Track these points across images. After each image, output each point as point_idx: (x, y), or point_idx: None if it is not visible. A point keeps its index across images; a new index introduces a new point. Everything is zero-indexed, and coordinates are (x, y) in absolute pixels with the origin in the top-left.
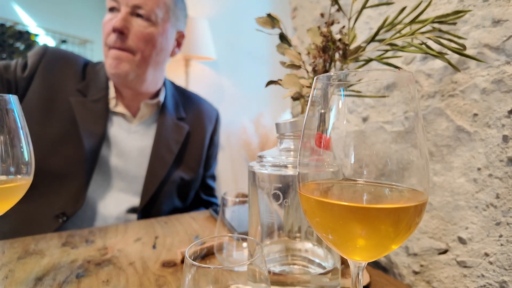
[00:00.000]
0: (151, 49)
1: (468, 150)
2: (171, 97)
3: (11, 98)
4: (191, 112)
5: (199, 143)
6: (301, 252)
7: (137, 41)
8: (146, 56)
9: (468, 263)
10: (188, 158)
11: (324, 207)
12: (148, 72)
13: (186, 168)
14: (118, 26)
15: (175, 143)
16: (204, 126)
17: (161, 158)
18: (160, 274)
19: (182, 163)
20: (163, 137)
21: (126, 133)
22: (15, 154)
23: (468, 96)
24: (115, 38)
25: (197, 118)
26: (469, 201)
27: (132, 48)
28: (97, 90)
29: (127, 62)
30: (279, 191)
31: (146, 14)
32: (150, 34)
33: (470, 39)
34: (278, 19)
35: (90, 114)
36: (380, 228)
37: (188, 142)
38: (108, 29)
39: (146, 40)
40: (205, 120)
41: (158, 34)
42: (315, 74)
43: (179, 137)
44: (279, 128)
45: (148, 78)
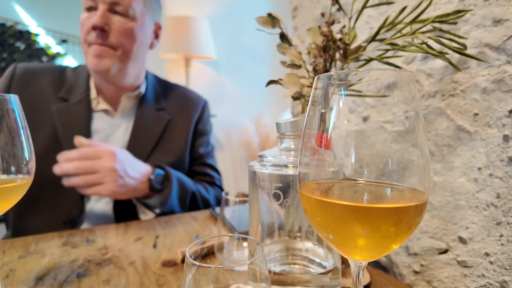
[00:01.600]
0: (132, 43)
1: (468, 150)
2: (152, 89)
3: (11, 97)
4: (173, 102)
5: (182, 131)
6: (301, 251)
7: (118, 37)
8: (127, 50)
9: (468, 263)
10: (169, 145)
11: (325, 206)
12: (129, 66)
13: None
14: (98, 23)
15: (154, 133)
16: (187, 115)
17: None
18: (160, 273)
19: (163, 150)
20: (142, 127)
21: (110, 128)
22: (16, 154)
23: (468, 95)
24: (95, 35)
25: (180, 108)
26: (470, 201)
27: (113, 44)
28: (79, 93)
29: (108, 57)
30: (279, 191)
31: (124, 10)
32: (130, 29)
33: (471, 39)
34: (278, 18)
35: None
36: (380, 228)
37: (168, 131)
38: (87, 27)
39: (126, 35)
40: (189, 109)
41: (137, 28)
42: (316, 74)
43: (159, 127)
44: (280, 128)
45: (130, 72)
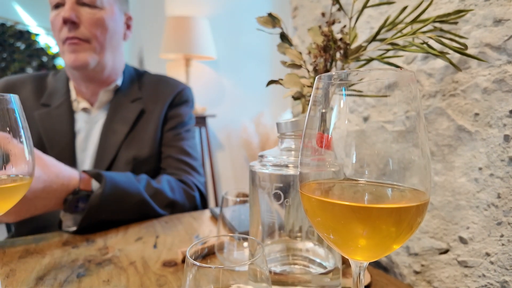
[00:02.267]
0: (105, 33)
1: (469, 150)
2: (128, 81)
3: (12, 97)
4: (149, 91)
5: (154, 119)
6: (302, 252)
7: (90, 28)
8: (101, 41)
9: (469, 263)
10: (142, 136)
11: (325, 206)
12: (106, 57)
13: (139, 146)
14: (68, 16)
15: (125, 123)
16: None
17: (109, 140)
18: (161, 273)
19: (135, 142)
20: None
21: (88, 125)
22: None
23: (469, 95)
24: (67, 29)
25: (154, 95)
26: (470, 201)
27: (86, 36)
28: (59, 97)
29: (84, 51)
30: (280, 191)
31: (91, 1)
32: (101, 19)
33: (472, 39)
34: (279, 18)
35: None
36: (381, 228)
37: (141, 121)
38: (58, 23)
39: (98, 26)
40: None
41: (107, 17)
42: (316, 74)
43: (130, 117)
44: (280, 128)
45: (108, 63)
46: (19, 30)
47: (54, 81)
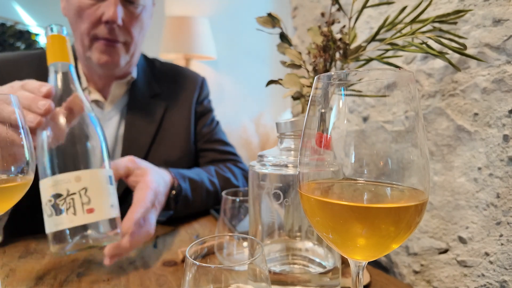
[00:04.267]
0: (142, 33)
1: (468, 150)
2: (142, 73)
3: (11, 98)
4: (168, 86)
5: (182, 116)
6: (301, 251)
7: (131, 29)
8: (137, 41)
9: (468, 263)
10: (171, 136)
11: (325, 206)
12: (136, 55)
13: (169, 147)
14: (115, 18)
15: (150, 123)
16: (186, 98)
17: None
18: (160, 273)
19: (164, 143)
20: (136, 119)
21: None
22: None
23: (468, 95)
24: (107, 30)
25: (176, 90)
26: (470, 201)
27: (126, 38)
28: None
29: (118, 53)
30: (279, 191)
31: None
32: (141, 19)
33: (471, 39)
34: (278, 18)
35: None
36: (380, 228)
37: (167, 119)
38: (93, 18)
39: (137, 26)
40: (186, 90)
41: (146, 15)
42: (316, 74)
43: (155, 116)
44: (280, 128)
45: (134, 60)
46: (19, 30)
47: None
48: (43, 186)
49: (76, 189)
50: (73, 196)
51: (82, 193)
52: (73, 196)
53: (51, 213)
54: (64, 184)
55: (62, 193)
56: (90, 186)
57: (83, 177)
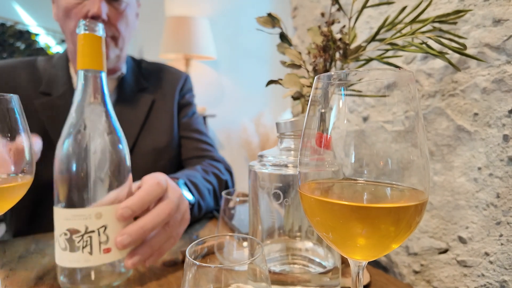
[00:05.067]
0: (128, 28)
1: (468, 150)
2: (131, 70)
3: (12, 98)
4: (154, 81)
5: (167, 107)
6: (301, 251)
7: (117, 25)
8: (124, 37)
9: (468, 263)
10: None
11: (325, 206)
12: (124, 51)
13: (156, 136)
14: (99, 13)
15: (139, 115)
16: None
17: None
18: (161, 273)
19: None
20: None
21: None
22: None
23: (468, 95)
24: None
25: (162, 85)
26: (470, 201)
27: (113, 34)
28: (60, 85)
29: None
30: (279, 191)
31: None
32: (126, 15)
33: (471, 39)
34: (278, 18)
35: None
36: (380, 228)
37: (154, 110)
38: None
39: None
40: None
41: (130, 11)
42: (316, 74)
43: (143, 108)
44: (280, 128)
45: (123, 55)
46: (19, 30)
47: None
48: (58, 215)
49: (95, 227)
50: (91, 234)
51: (101, 231)
52: (91, 234)
53: (65, 247)
54: (83, 220)
55: (79, 229)
56: (110, 223)
57: (104, 214)
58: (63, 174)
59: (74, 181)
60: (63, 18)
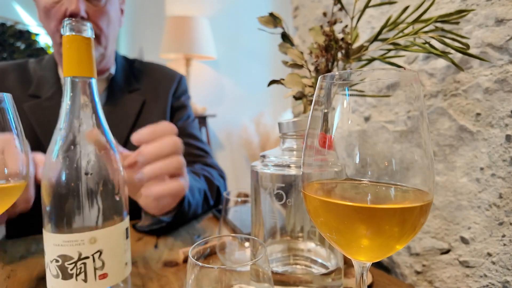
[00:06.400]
0: (110, 25)
1: (470, 150)
2: (121, 70)
3: (4, 96)
4: (146, 81)
5: (159, 109)
6: (303, 252)
7: (97, 22)
8: (107, 34)
9: (470, 263)
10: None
11: (328, 207)
12: (109, 49)
13: None
14: (77, 10)
15: (129, 116)
16: (163, 92)
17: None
18: (162, 274)
19: None
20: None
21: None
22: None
23: (471, 95)
24: None
25: (154, 85)
26: (472, 201)
27: (95, 31)
28: (49, 87)
29: None
30: (281, 191)
31: None
32: (107, 11)
33: (473, 38)
34: (280, 18)
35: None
36: (385, 229)
37: (144, 113)
38: (58, 14)
39: (104, 19)
40: (164, 85)
41: (111, 8)
42: (318, 74)
43: (133, 109)
44: (282, 128)
45: (108, 54)
46: (19, 30)
47: (39, 69)
48: (47, 240)
49: (89, 253)
50: (85, 260)
51: (96, 256)
52: (86, 261)
53: (57, 274)
54: (75, 246)
55: (72, 256)
56: (106, 248)
57: (99, 238)
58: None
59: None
60: (44, 19)
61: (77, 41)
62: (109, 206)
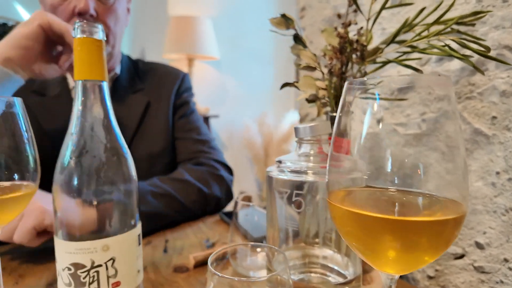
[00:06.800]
0: (117, 24)
1: (486, 154)
2: (126, 70)
3: (15, 100)
4: (150, 81)
5: (163, 110)
6: (319, 259)
7: (106, 21)
8: (114, 33)
9: (486, 269)
10: (153, 130)
11: (356, 218)
12: (116, 48)
13: (151, 141)
14: (87, 9)
15: (133, 118)
16: (166, 91)
17: None
18: (173, 280)
19: (146, 137)
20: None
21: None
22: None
23: (486, 98)
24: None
25: (158, 85)
26: (487, 206)
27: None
28: (54, 86)
29: None
30: (298, 197)
31: None
32: (115, 10)
33: (489, 40)
34: (292, 19)
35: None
36: (416, 242)
37: (149, 114)
38: (66, 12)
39: (112, 18)
40: (167, 84)
41: (119, 6)
42: (331, 76)
43: (137, 110)
44: (298, 133)
45: (115, 53)
46: None
47: None
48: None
49: (102, 261)
50: (98, 268)
51: (108, 264)
52: (99, 269)
53: (69, 282)
54: (88, 254)
55: (85, 264)
56: (119, 255)
57: (112, 245)
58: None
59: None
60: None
61: (89, 43)
62: (121, 212)
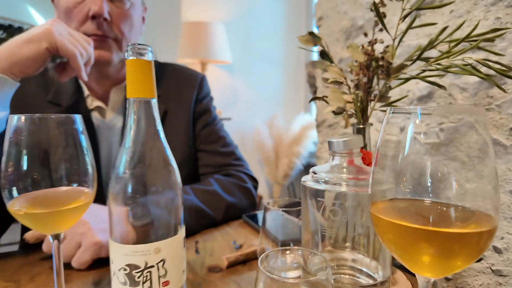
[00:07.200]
0: (132, 30)
1: (504, 163)
2: None
3: (76, 118)
4: (167, 87)
5: (182, 118)
6: (348, 261)
7: (120, 26)
8: (128, 39)
9: (504, 272)
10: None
11: (398, 229)
12: None
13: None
14: (101, 12)
15: None
16: (185, 97)
17: None
18: (209, 279)
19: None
20: None
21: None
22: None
23: (504, 110)
24: (95, 26)
25: (175, 91)
26: (505, 213)
27: (116, 35)
28: (70, 95)
29: (109, 48)
30: (331, 206)
31: None
32: (130, 16)
33: (508, 56)
34: (320, 37)
35: None
36: (451, 251)
37: (166, 122)
38: (81, 15)
39: (127, 23)
40: (185, 90)
41: (135, 13)
42: (357, 90)
43: None
44: (332, 146)
45: None
46: None
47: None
48: (116, 250)
49: (154, 262)
50: (150, 269)
51: (160, 265)
52: (151, 269)
53: (125, 281)
54: (142, 256)
55: (139, 264)
56: (168, 257)
57: (163, 248)
58: (121, 211)
59: (133, 218)
60: (64, 20)
61: (140, 64)
62: (171, 217)
